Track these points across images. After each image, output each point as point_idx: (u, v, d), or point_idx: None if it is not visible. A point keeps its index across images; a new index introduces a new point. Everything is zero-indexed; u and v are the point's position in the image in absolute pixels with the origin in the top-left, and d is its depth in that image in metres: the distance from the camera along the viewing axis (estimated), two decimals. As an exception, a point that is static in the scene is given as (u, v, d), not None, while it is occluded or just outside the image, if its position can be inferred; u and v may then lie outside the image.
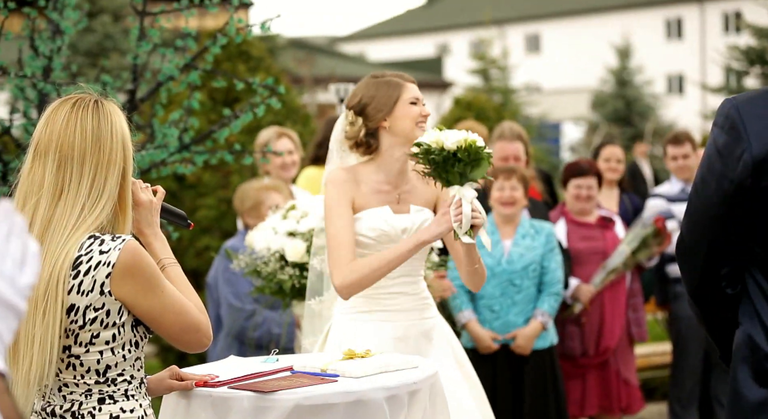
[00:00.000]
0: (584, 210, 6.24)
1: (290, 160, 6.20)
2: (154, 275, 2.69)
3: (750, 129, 2.56)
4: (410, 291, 3.91)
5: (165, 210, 3.04)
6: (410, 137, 3.87)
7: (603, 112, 29.37)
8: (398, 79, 3.93)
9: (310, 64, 22.21)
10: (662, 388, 7.88)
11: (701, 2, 45.08)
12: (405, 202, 3.94)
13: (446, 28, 52.75)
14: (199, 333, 2.77)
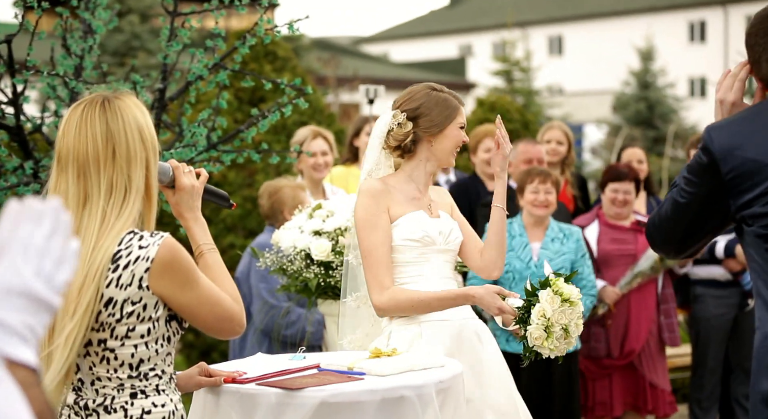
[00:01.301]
0: (620, 214, 6.23)
1: (323, 160, 6.24)
2: (191, 270, 2.73)
3: (716, 148, 2.70)
4: None
5: (207, 191, 3.06)
6: (445, 161, 3.96)
7: (625, 115, 29.29)
8: (455, 101, 3.97)
9: (334, 65, 22.24)
10: (683, 390, 7.88)
11: (725, 5, 44.88)
12: (435, 209, 4.01)
13: (469, 30, 52.70)
14: (233, 322, 2.81)
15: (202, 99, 7.67)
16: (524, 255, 5.58)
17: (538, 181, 5.58)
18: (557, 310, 3.55)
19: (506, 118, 10.08)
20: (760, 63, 2.79)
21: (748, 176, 2.64)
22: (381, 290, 3.79)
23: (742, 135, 2.68)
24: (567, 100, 33.45)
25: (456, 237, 3.96)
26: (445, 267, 3.93)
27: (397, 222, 3.89)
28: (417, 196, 3.96)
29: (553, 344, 3.53)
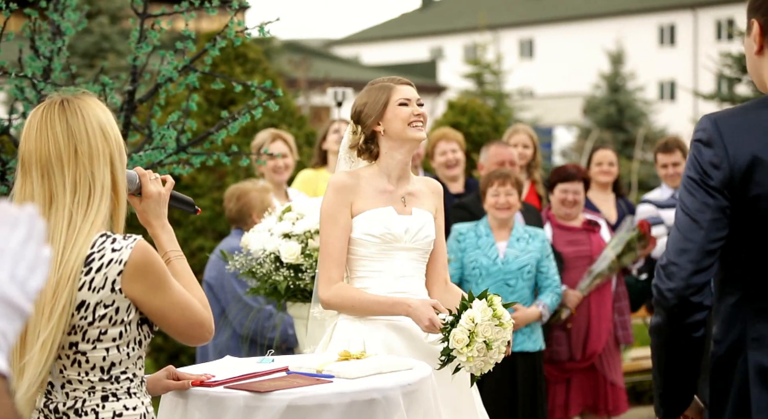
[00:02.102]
0: (569, 214, 6.28)
1: (283, 163, 6.23)
2: (164, 273, 2.73)
3: (728, 141, 2.63)
4: (413, 292, 3.94)
5: (174, 198, 3.07)
6: (404, 138, 3.93)
7: (595, 118, 29.45)
8: (389, 83, 3.98)
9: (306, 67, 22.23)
10: (651, 392, 7.94)
11: (694, 9, 45.22)
12: (409, 204, 3.99)
13: (441, 33, 52.81)
14: (203, 328, 2.82)
15: (172, 101, 7.65)
16: (491, 252, 5.63)
17: (497, 184, 5.63)
18: (486, 322, 3.57)
19: (477, 121, 10.12)
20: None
21: (756, 173, 2.62)
22: (328, 284, 3.87)
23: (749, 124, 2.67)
24: (537, 103, 33.59)
25: (426, 236, 3.95)
26: (411, 265, 3.92)
27: (360, 217, 3.91)
28: (389, 189, 3.97)
29: (472, 353, 3.54)
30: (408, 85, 4.00)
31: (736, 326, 2.67)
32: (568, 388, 6.21)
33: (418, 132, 3.93)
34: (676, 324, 2.68)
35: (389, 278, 3.90)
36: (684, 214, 2.67)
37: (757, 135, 2.63)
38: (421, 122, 3.95)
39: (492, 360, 3.62)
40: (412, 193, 4.02)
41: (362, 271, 3.94)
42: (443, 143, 6.74)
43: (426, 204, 4.03)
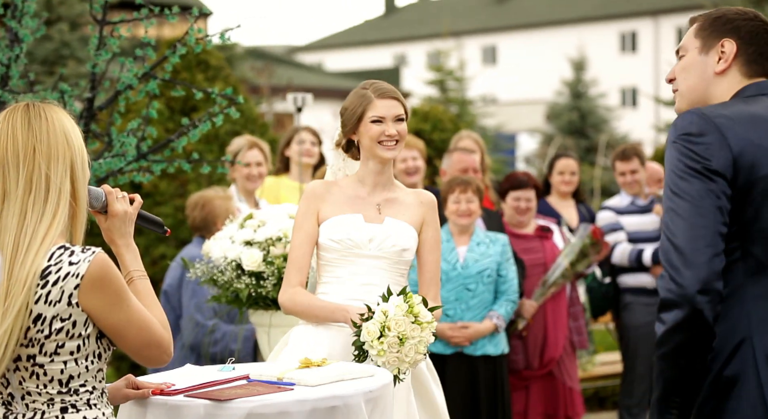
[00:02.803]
0: (522, 222, 6.32)
1: (257, 171, 6.21)
2: (122, 289, 2.70)
3: (722, 128, 2.67)
4: (372, 301, 3.90)
5: (141, 217, 3.04)
6: (372, 154, 3.92)
7: (558, 124, 29.63)
8: (371, 93, 3.93)
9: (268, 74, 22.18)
10: (613, 397, 7.98)
11: (655, 16, 45.62)
12: (385, 212, 3.96)
13: (404, 39, 52.92)
14: (160, 349, 2.79)
15: (132, 108, 7.60)
16: (451, 257, 5.65)
17: (459, 191, 5.65)
18: (400, 316, 3.55)
19: (439, 128, 10.14)
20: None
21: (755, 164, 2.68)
22: (286, 288, 3.92)
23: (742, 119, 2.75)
24: (500, 110, 33.75)
25: (394, 245, 3.90)
26: (378, 274, 3.89)
27: (326, 223, 3.93)
28: (361, 195, 3.96)
29: (384, 346, 3.52)
30: (390, 98, 3.93)
31: (736, 315, 2.66)
32: (528, 396, 6.23)
33: (386, 151, 3.90)
34: (703, 315, 2.59)
35: (352, 285, 3.88)
36: (686, 202, 2.63)
37: (745, 122, 2.70)
38: (393, 142, 3.90)
39: (408, 357, 3.57)
40: (391, 200, 3.99)
41: (326, 277, 3.95)
42: (404, 151, 6.73)
43: (407, 214, 3.98)
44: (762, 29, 2.88)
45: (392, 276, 3.94)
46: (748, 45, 2.85)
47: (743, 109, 2.75)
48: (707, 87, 2.87)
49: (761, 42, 2.87)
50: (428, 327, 3.61)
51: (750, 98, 2.81)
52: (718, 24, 2.88)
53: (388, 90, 3.95)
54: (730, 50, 2.85)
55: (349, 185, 3.99)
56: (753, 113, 2.74)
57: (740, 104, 2.78)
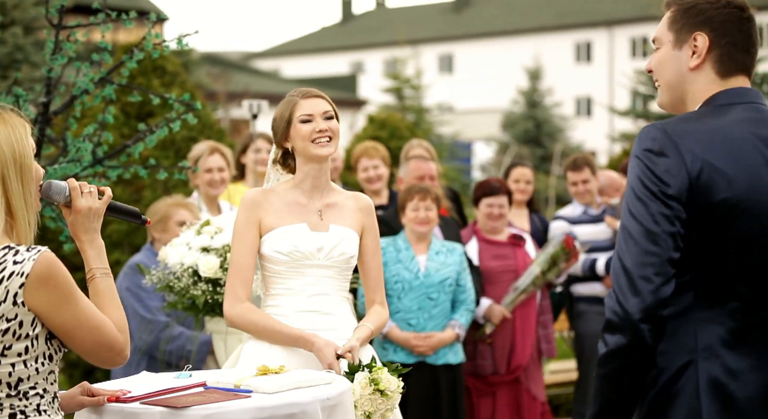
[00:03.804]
0: (495, 228, 6.35)
1: (219, 177, 6.18)
2: (70, 288, 2.67)
3: (683, 148, 2.61)
4: (325, 311, 3.91)
5: (115, 209, 2.99)
6: (308, 155, 3.88)
7: (513, 133, 29.83)
8: (295, 96, 3.92)
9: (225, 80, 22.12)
10: (567, 405, 8.03)
11: (610, 27, 46.06)
12: (327, 219, 3.94)
13: (361, 47, 53.01)
14: (112, 351, 2.75)
15: (88, 113, 7.54)
16: (412, 266, 5.67)
17: (417, 199, 5.67)
18: (366, 396, 3.56)
19: (397, 136, 10.17)
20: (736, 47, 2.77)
21: (709, 183, 2.61)
22: (234, 301, 3.84)
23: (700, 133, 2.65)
24: (457, 118, 33.89)
25: (342, 253, 3.88)
26: (327, 283, 3.87)
27: (270, 234, 3.86)
28: (302, 202, 3.92)
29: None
30: (314, 97, 3.91)
31: (683, 336, 2.62)
32: (494, 402, 6.25)
33: (321, 148, 3.87)
34: (644, 342, 2.58)
35: (302, 296, 3.86)
36: (640, 226, 2.60)
37: (706, 142, 2.61)
38: (326, 138, 3.88)
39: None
40: (331, 205, 3.97)
41: (275, 288, 3.90)
42: (365, 160, 6.76)
43: (348, 219, 3.96)
44: (735, 17, 2.75)
45: (340, 284, 3.93)
46: (720, 37, 2.74)
47: (709, 124, 2.66)
48: (684, 83, 2.78)
49: (734, 30, 2.74)
50: (396, 394, 3.63)
51: (722, 107, 2.71)
52: (690, 16, 2.76)
53: (311, 90, 3.96)
54: (702, 45, 2.75)
55: (287, 191, 3.94)
56: (718, 129, 2.65)
57: (708, 117, 2.69)
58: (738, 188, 2.58)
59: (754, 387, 2.59)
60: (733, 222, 2.58)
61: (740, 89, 2.74)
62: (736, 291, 2.61)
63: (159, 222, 5.68)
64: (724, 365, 2.59)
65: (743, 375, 2.59)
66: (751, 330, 2.61)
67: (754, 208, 2.59)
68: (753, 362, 2.60)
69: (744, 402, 2.59)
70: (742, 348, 2.60)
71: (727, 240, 2.59)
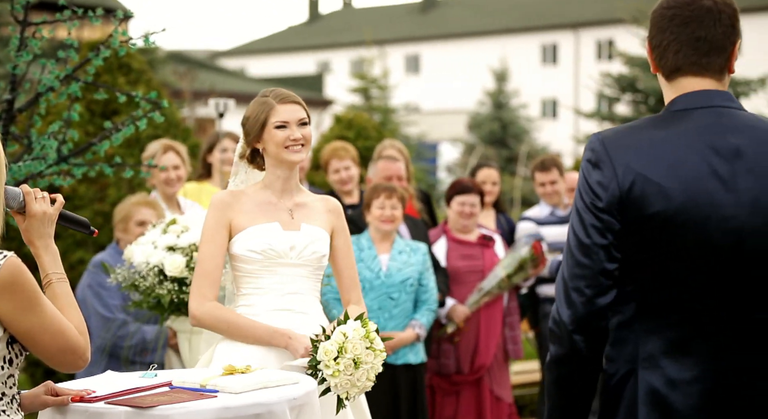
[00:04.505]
0: (466, 226, 6.38)
1: (175, 174, 6.16)
2: (35, 293, 2.64)
3: (616, 162, 2.59)
4: (298, 309, 3.90)
5: (65, 218, 2.98)
6: (280, 160, 3.88)
7: (479, 134, 29.90)
8: (272, 99, 3.90)
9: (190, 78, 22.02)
10: (531, 406, 8.06)
11: (576, 29, 46.29)
12: (298, 218, 3.94)
13: (327, 46, 52.95)
14: (75, 355, 2.74)
15: (53, 111, 7.48)
16: (374, 265, 5.67)
17: (384, 197, 5.69)
18: (357, 339, 3.57)
19: (363, 136, 10.16)
20: (666, 51, 2.69)
21: (643, 196, 2.57)
22: (201, 300, 3.82)
23: (639, 147, 2.60)
24: (423, 119, 33.94)
25: (314, 252, 3.89)
26: (299, 282, 3.88)
27: (242, 233, 3.85)
28: (272, 201, 3.92)
29: (339, 367, 3.53)
30: (291, 103, 3.90)
31: (628, 345, 2.63)
32: (458, 402, 6.26)
33: (293, 155, 3.87)
34: (580, 353, 2.62)
35: (275, 295, 3.85)
36: (575, 237, 2.62)
37: (643, 153, 2.58)
38: (299, 145, 3.88)
39: (359, 383, 3.59)
40: (301, 204, 3.97)
41: (247, 288, 3.89)
42: (335, 161, 6.76)
43: (318, 220, 3.97)
44: (660, 16, 2.68)
45: (312, 283, 3.94)
46: (653, 39, 2.70)
47: (653, 134, 2.62)
48: (663, 89, 2.75)
49: (661, 31, 2.67)
50: (380, 355, 3.64)
51: (677, 113, 2.66)
52: (650, 19, 2.72)
53: (289, 95, 3.94)
54: (648, 50, 2.74)
55: (257, 192, 3.94)
56: (662, 140, 2.60)
57: (655, 126, 2.64)
58: (674, 201, 2.55)
59: (695, 398, 2.58)
60: (670, 234, 2.56)
61: (700, 93, 2.66)
62: (677, 303, 2.59)
63: (121, 221, 5.67)
64: (664, 375, 2.59)
65: (683, 386, 2.59)
66: (692, 340, 2.59)
67: (691, 221, 2.55)
68: (694, 373, 2.59)
69: (683, 413, 2.59)
70: (683, 358, 2.59)
71: (665, 252, 2.57)
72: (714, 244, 2.56)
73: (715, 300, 2.58)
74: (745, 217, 2.56)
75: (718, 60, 2.67)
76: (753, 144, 2.60)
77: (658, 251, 2.58)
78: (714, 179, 2.57)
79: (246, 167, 4.04)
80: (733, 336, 2.58)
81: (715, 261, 2.56)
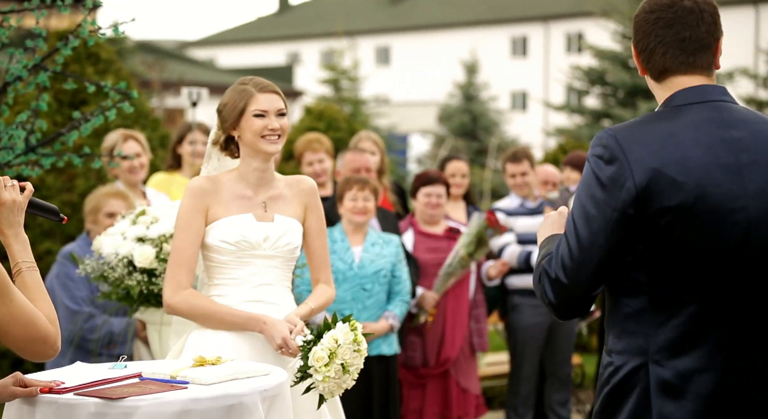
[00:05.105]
0: (433, 217, 6.39)
1: (138, 162, 6.13)
2: (4, 284, 2.63)
3: (631, 157, 2.61)
4: (270, 300, 3.90)
5: (34, 205, 2.96)
6: (256, 149, 3.87)
7: (449, 126, 29.96)
8: (251, 88, 3.89)
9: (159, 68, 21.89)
10: (500, 397, 8.09)
11: (546, 22, 46.40)
12: (271, 210, 3.93)
13: (297, 37, 52.79)
14: (45, 344, 2.72)
15: (21, 100, 7.42)
16: (347, 257, 5.67)
17: (356, 189, 5.69)
18: (347, 344, 3.59)
19: (334, 127, 10.14)
20: (653, 54, 2.73)
21: (656, 192, 2.60)
22: (176, 289, 3.81)
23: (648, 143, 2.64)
24: (393, 110, 33.92)
25: (287, 244, 3.90)
26: (272, 273, 3.88)
27: (216, 223, 3.85)
28: (247, 194, 3.91)
29: (330, 373, 3.55)
30: (271, 92, 3.89)
31: (637, 338, 2.66)
32: (424, 394, 6.28)
33: (270, 145, 3.87)
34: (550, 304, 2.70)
35: (247, 286, 3.85)
36: (586, 228, 2.63)
37: (656, 147, 2.61)
38: (276, 135, 3.88)
39: (344, 384, 3.63)
40: (274, 197, 3.96)
41: (219, 279, 3.88)
42: (309, 154, 6.74)
43: (291, 208, 3.97)
44: (643, 21, 2.74)
45: (284, 274, 3.94)
46: (638, 43, 2.75)
47: (661, 127, 2.66)
48: (653, 90, 2.80)
49: (644, 35, 2.72)
50: (364, 354, 3.66)
51: (677, 108, 2.70)
52: (633, 24, 2.78)
53: (268, 84, 3.94)
54: (634, 54, 2.80)
55: (232, 183, 3.92)
56: (670, 133, 2.64)
57: (661, 120, 2.68)
58: (687, 194, 2.59)
59: (706, 387, 2.62)
60: (684, 227, 2.59)
61: (697, 88, 2.71)
62: (689, 296, 2.62)
63: (90, 213, 5.64)
64: (674, 368, 2.63)
65: (694, 377, 2.62)
66: (703, 334, 2.63)
67: (704, 213, 2.59)
68: (703, 364, 2.62)
69: (697, 404, 2.62)
70: (693, 351, 2.63)
71: (678, 245, 2.60)
72: (725, 236, 2.59)
73: (727, 293, 2.61)
74: (752, 209, 2.60)
75: (704, 57, 2.73)
76: (752, 137, 2.65)
77: (672, 244, 2.60)
78: (722, 171, 2.61)
79: (219, 154, 4.02)
80: (745, 327, 2.62)
81: (726, 254, 2.60)
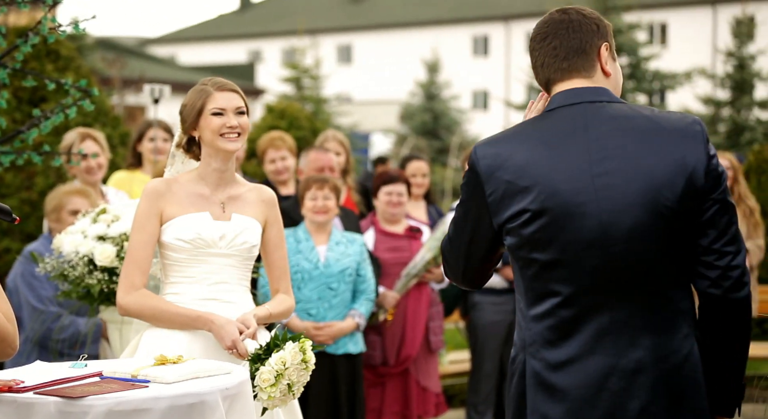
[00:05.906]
0: (395, 216, 6.40)
1: (95, 163, 6.09)
2: None
3: (481, 166, 2.80)
4: (225, 299, 3.90)
5: None
6: (215, 148, 3.88)
7: (411, 125, 30.02)
8: (209, 87, 3.90)
9: (120, 66, 21.75)
10: (461, 395, 8.13)
11: (507, 21, 46.60)
12: (229, 209, 3.94)
13: (259, 35, 52.65)
14: (4, 343, 2.70)
15: (-21, 97, 7.35)
16: (312, 256, 5.68)
17: (315, 188, 5.69)
18: (295, 365, 3.61)
19: (296, 126, 10.14)
20: (537, 68, 2.90)
21: (505, 198, 2.77)
22: (129, 289, 3.82)
23: (502, 157, 2.79)
24: (355, 109, 33.90)
25: (244, 242, 3.90)
26: (228, 272, 3.89)
27: (172, 221, 3.86)
28: (205, 193, 3.91)
29: (275, 393, 3.57)
30: (229, 91, 3.90)
31: (521, 331, 2.83)
32: (383, 393, 6.30)
33: (229, 143, 3.87)
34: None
35: (203, 284, 3.86)
36: (453, 225, 2.92)
37: (507, 157, 2.77)
38: (235, 133, 3.88)
39: (288, 400, 3.66)
40: (234, 197, 3.97)
41: (175, 277, 3.89)
42: (272, 151, 6.74)
43: (251, 210, 3.97)
44: (533, 38, 2.91)
45: (241, 273, 3.95)
46: (532, 63, 2.90)
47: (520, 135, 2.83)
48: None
49: (534, 51, 2.90)
50: (311, 369, 3.69)
51: (548, 113, 2.85)
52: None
53: (227, 83, 3.95)
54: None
55: (190, 183, 3.93)
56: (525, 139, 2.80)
57: (526, 128, 2.85)
58: (536, 196, 2.73)
59: (577, 377, 2.74)
60: (538, 228, 2.74)
61: (571, 90, 2.83)
62: (555, 289, 2.76)
63: (53, 211, 5.59)
64: (544, 359, 2.77)
65: (566, 366, 2.75)
66: (572, 325, 2.75)
67: (564, 216, 2.72)
68: (575, 353, 2.75)
69: (568, 392, 2.75)
70: (564, 342, 2.76)
71: (537, 244, 2.75)
72: (584, 236, 2.72)
73: (592, 288, 2.74)
74: (602, 202, 2.72)
75: (578, 61, 2.85)
76: (612, 134, 2.75)
77: (531, 244, 2.76)
78: (572, 170, 2.73)
79: (183, 157, 4.02)
80: (611, 318, 2.74)
81: (582, 247, 2.72)
